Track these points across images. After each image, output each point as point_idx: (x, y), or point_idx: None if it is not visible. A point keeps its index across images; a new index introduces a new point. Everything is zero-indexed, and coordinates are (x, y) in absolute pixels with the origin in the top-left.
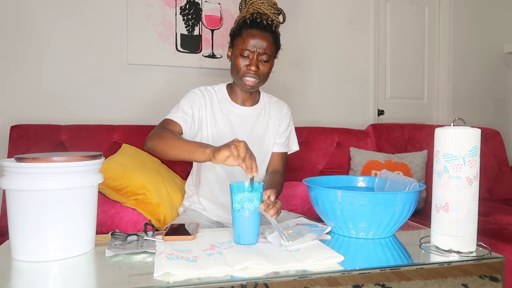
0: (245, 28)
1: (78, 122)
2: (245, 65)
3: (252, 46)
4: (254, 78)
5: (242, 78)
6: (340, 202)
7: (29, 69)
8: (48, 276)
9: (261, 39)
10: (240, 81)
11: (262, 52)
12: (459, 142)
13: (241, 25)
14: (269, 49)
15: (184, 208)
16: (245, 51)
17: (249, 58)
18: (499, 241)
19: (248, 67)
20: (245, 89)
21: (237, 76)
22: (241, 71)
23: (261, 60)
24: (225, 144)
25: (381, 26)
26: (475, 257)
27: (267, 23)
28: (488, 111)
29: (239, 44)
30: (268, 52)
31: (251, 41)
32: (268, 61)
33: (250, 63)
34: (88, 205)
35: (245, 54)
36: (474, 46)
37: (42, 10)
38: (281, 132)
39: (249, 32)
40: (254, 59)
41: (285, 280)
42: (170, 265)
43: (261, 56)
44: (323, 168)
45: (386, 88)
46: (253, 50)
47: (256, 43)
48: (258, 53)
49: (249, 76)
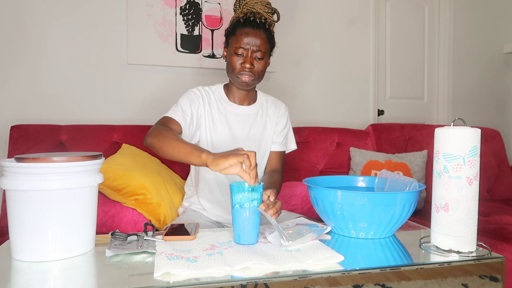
0: (238, 27)
1: (78, 122)
2: (240, 63)
3: (245, 44)
4: (249, 75)
5: (237, 76)
6: (340, 202)
7: (29, 69)
8: (48, 276)
9: (254, 36)
10: (236, 79)
11: (256, 49)
12: (459, 142)
13: (235, 24)
14: (263, 46)
15: (183, 209)
16: (239, 49)
17: (243, 56)
18: (499, 241)
19: (243, 65)
20: (241, 87)
21: (233, 75)
22: (236, 69)
23: (255, 58)
24: (233, 153)
25: (381, 26)
26: (475, 257)
27: (260, 21)
28: (488, 111)
29: (233, 43)
30: (262, 49)
31: (244, 39)
32: (262, 58)
33: (244, 60)
34: (88, 205)
35: (239, 52)
36: (474, 46)
37: (42, 10)
38: (279, 131)
39: (242, 31)
40: (248, 56)
41: (285, 280)
42: (170, 265)
43: (255, 54)
44: (323, 168)
45: (386, 88)
46: (247, 48)
47: (250, 40)
48: (252, 51)
49: (244, 74)
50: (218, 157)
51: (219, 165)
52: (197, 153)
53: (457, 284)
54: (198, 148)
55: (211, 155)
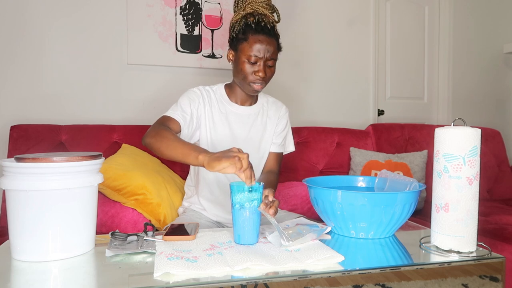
0: (250, 33)
1: (78, 122)
2: (253, 72)
3: (259, 52)
4: (261, 84)
5: (249, 84)
6: (340, 202)
7: (29, 69)
8: (48, 276)
9: (268, 44)
10: (248, 87)
11: (269, 57)
12: (459, 142)
13: (245, 29)
14: (275, 54)
15: (183, 209)
16: (252, 57)
17: (256, 64)
18: (499, 241)
19: (257, 74)
20: (251, 94)
21: (244, 82)
22: (249, 77)
23: (267, 65)
24: (225, 155)
25: (381, 26)
26: (475, 257)
27: (271, 27)
28: (488, 111)
29: (245, 50)
30: (274, 57)
31: (258, 47)
32: (273, 65)
33: (258, 69)
34: (88, 205)
35: (252, 60)
36: (474, 46)
37: (42, 10)
38: (278, 132)
39: (256, 38)
40: (261, 65)
41: (285, 280)
42: (170, 265)
43: (267, 62)
44: (323, 168)
45: (386, 88)
46: (261, 57)
47: (263, 48)
48: (266, 59)
49: (258, 83)
50: (213, 159)
51: (214, 168)
52: (194, 154)
53: (457, 284)
54: (196, 148)
55: (207, 156)
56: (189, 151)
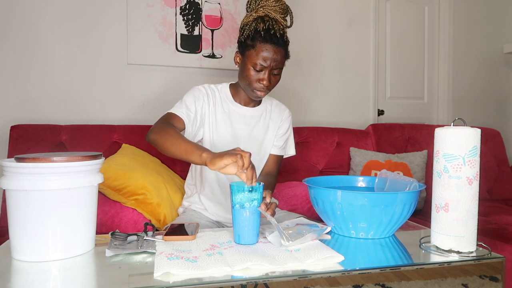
0: (259, 40)
1: (78, 122)
2: (257, 79)
3: (265, 61)
4: (265, 91)
5: (253, 90)
6: (340, 202)
7: (29, 69)
8: (48, 276)
9: (275, 53)
10: (251, 92)
11: (275, 66)
12: (459, 142)
13: (254, 36)
14: (281, 63)
15: (183, 209)
16: (258, 66)
17: (262, 72)
18: (499, 241)
19: (261, 81)
20: (254, 98)
21: (248, 87)
22: (253, 84)
23: (272, 74)
24: (228, 152)
25: (381, 26)
26: (475, 257)
27: (280, 35)
28: (488, 111)
29: (252, 57)
30: (280, 65)
31: (265, 56)
32: (279, 73)
33: (263, 78)
34: (88, 205)
35: (258, 68)
36: (474, 46)
37: (42, 10)
38: (280, 135)
39: (263, 47)
40: (267, 73)
41: (285, 280)
42: (170, 265)
43: (273, 70)
44: (323, 168)
45: (386, 88)
46: (267, 65)
47: (270, 57)
48: (272, 67)
49: (261, 90)
50: (215, 156)
51: (215, 165)
52: (197, 152)
53: (457, 284)
54: (199, 147)
55: (210, 154)
56: (192, 149)
